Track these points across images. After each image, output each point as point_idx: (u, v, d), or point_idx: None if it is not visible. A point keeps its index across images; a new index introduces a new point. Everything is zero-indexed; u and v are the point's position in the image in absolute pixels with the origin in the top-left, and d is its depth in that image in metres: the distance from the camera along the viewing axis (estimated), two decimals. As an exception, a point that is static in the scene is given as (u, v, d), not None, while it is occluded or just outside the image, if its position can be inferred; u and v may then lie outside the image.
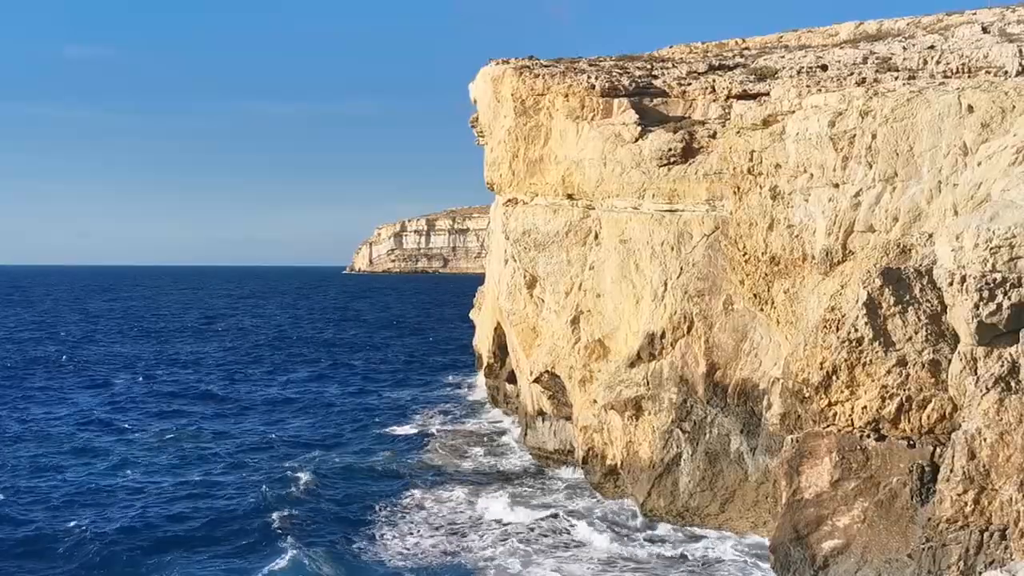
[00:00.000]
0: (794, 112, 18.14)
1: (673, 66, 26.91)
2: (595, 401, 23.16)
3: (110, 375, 45.96)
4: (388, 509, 22.51)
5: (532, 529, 20.87)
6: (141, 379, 44.91)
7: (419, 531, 20.79)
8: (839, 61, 23.59)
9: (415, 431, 32.41)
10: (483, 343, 37.88)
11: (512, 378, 32.32)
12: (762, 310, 19.41)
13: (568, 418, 25.61)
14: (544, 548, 19.58)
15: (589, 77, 25.33)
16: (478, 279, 48.98)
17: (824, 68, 23.19)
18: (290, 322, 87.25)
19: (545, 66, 27.30)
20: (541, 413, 27.50)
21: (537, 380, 26.41)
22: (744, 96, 23.01)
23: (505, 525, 21.16)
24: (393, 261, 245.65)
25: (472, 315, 43.07)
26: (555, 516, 21.67)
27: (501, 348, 33.76)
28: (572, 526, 20.97)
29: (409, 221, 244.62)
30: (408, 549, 19.62)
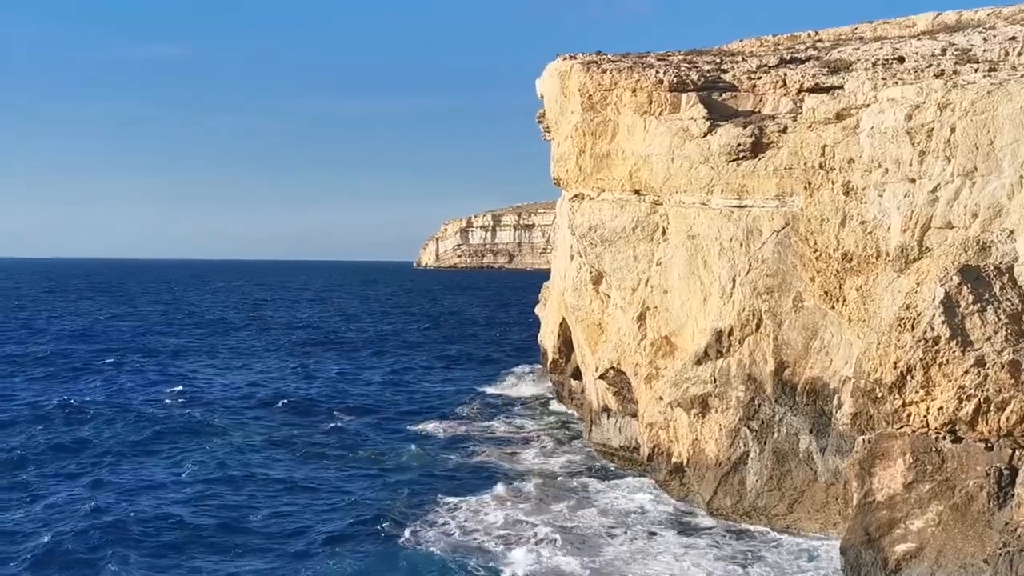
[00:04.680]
0: (869, 105, 17.74)
1: (743, 60, 26.55)
2: (661, 398, 23.00)
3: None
4: (434, 505, 21.92)
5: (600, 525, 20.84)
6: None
7: (478, 522, 20.80)
8: (916, 53, 23.00)
9: (471, 425, 32.55)
10: (548, 339, 37.90)
11: (577, 374, 32.29)
12: (833, 308, 19.06)
13: (633, 415, 25.49)
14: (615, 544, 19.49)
15: (657, 72, 25.14)
16: (543, 275, 49.01)
17: (901, 60, 22.63)
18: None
19: (613, 61, 27.18)
20: (606, 409, 27.43)
21: (602, 376, 26.34)
22: (816, 89, 22.56)
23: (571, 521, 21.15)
24: (459, 256, 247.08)
25: (537, 311, 43.12)
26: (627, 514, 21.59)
27: (566, 344, 33.73)
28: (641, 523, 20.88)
29: (475, 217, 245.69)
30: (460, 541, 19.66)
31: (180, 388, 39.32)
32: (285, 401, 36.64)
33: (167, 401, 36.26)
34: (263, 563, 18.53)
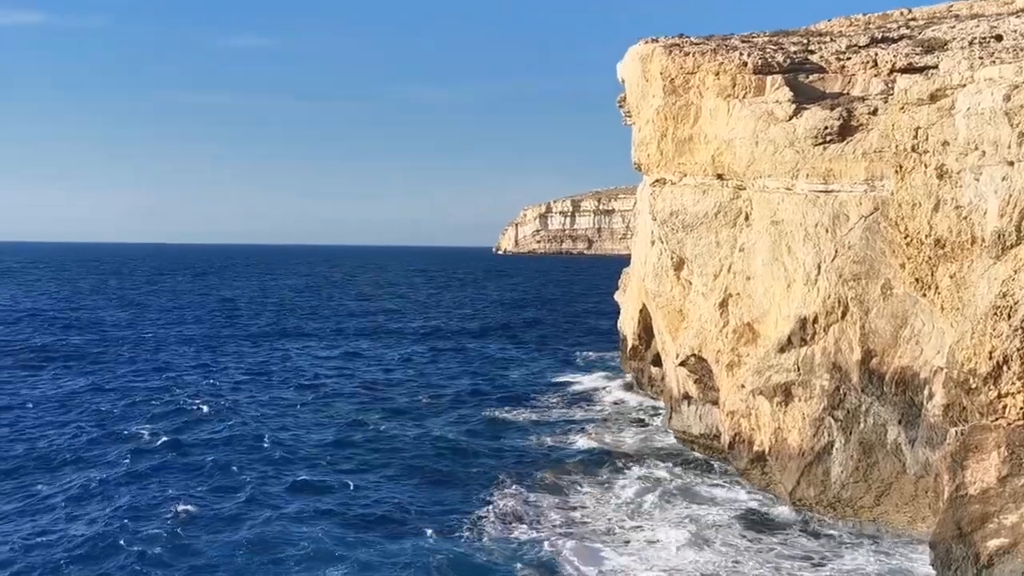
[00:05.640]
0: (965, 85, 17.07)
1: (831, 40, 25.83)
2: (743, 386, 22.67)
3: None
4: (505, 494, 21.93)
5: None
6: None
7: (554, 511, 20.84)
8: (1015, 31, 22.05)
9: (548, 412, 32.55)
10: (628, 325, 37.67)
11: (657, 360, 32.02)
12: (924, 295, 18.46)
13: (714, 402, 25.18)
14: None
15: (741, 54, 24.64)
16: (623, 260, 48.71)
17: (999, 38, 21.73)
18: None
19: (695, 44, 26.72)
20: (687, 397, 27.15)
21: (683, 363, 26.07)
22: (909, 69, 21.83)
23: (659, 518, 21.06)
24: (539, 242, 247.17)
25: (617, 297, 42.86)
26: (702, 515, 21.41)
27: (646, 330, 33.49)
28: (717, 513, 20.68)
29: (555, 202, 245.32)
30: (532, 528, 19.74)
31: (268, 369, 40.41)
32: (362, 384, 37.37)
33: (257, 379, 37.33)
34: (324, 540, 18.83)
